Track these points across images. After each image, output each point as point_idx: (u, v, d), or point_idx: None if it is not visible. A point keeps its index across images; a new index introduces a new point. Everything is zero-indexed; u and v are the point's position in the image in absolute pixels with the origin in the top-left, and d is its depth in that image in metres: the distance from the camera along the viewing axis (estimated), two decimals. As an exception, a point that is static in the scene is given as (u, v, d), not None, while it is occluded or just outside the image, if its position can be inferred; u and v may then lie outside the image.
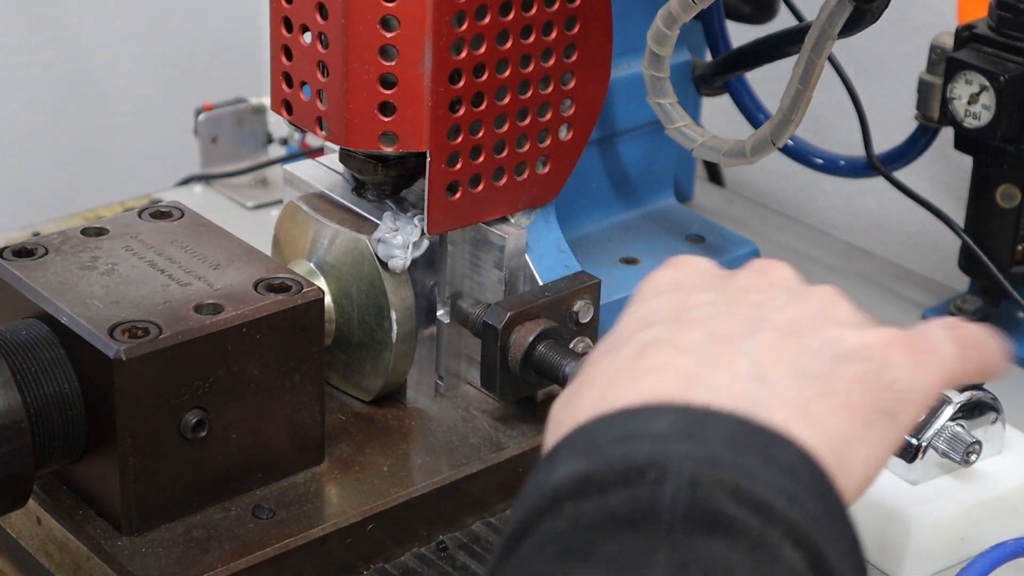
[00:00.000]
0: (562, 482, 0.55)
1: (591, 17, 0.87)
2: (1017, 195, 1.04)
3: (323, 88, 0.84)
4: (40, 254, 0.83)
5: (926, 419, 0.85)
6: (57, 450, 0.77)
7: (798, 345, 0.62)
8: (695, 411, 0.57)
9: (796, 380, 0.60)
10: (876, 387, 0.61)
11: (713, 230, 1.08)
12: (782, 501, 0.54)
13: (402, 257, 0.85)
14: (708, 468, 0.54)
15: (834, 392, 0.60)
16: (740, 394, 0.59)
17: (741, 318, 0.63)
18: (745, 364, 0.60)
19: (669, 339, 0.61)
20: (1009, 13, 1.01)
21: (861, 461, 0.61)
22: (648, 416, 0.57)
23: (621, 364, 0.61)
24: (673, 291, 0.66)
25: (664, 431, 0.56)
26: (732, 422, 0.57)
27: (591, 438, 0.57)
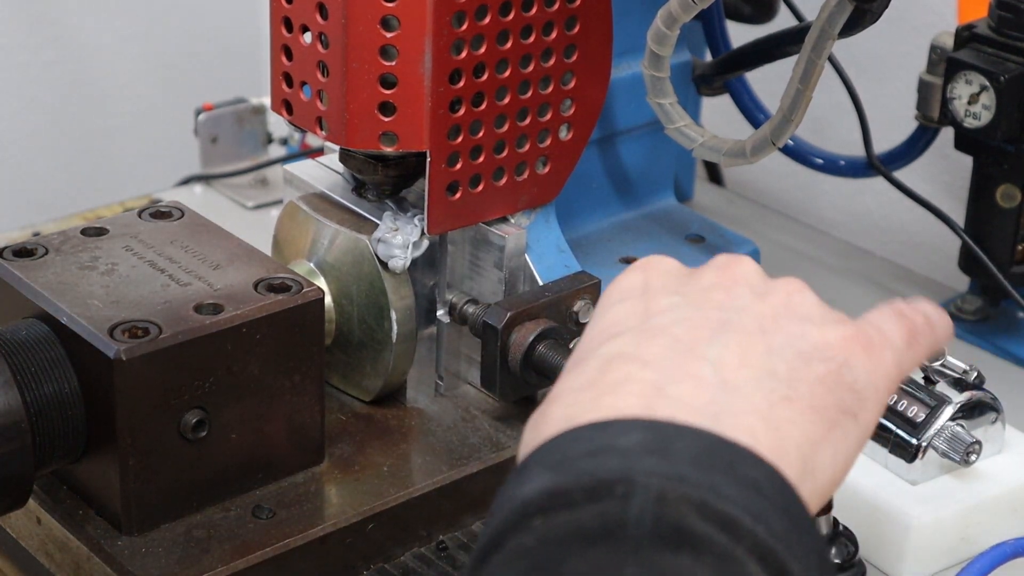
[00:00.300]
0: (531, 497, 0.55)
1: (591, 17, 0.87)
2: (1017, 195, 1.04)
3: (323, 88, 0.84)
4: (40, 254, 0.83)
5: (926, 419, 0.85)
6: (57, 450, 0.77)
7: (762, 344, 0.62)
8: (662, 426, 0.57)
9: (760, 383, 0.61)
10: (838, 388, 0.62)
11: (713, 230, 1.08)
12: (748, 518, 0.54)
13: (402, 257, 0.85)
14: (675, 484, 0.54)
15: (798, 395, 0.61)
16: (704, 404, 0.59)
17: (704, 321, 0.63)
18: (708, 371, 0.61)
19: (632, 351, 0.62)
20: (1009, 13, 1.01)
21: (828, 463, 0.61)
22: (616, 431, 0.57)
23: (587, 379, 0.61)
24: (637, 296, 0.66)
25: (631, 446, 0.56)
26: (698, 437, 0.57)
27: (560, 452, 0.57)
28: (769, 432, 0.59)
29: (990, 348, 1.08)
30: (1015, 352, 1.07)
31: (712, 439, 0.57)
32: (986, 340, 1.09)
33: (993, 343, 1.08)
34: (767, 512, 0.55)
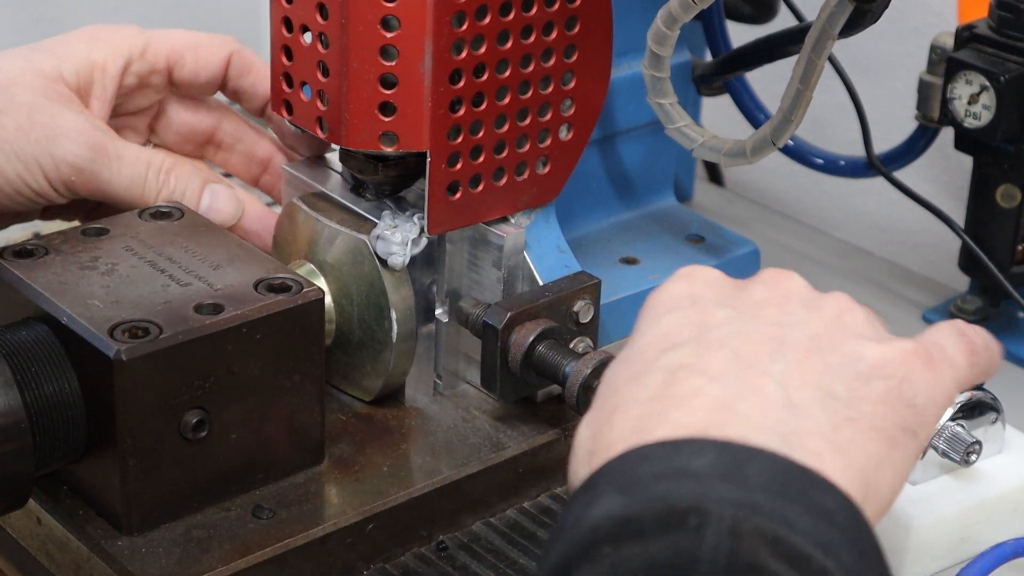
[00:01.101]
0: (600, 522, 0.55)
1: (591, 17, 0.87)
2: (1017, 195, 1.04)
3: (323, 88, 0.84)
4: (40, 254, 0.83)
5: (926, 419, 0.85)
6: (57, 450, 0.77)
7: (821, 363, 0.62)
8: (735, 448, 0.57)
9: (824, 404, 0.61)
10: (899, 406, 0.62)
11: (713, 230, 1.08)
12: (819, 552, 0.54)
13: (401, 254, 0.85)
14: (748, 514, 0.54)
15: (860, 414, 0.61)
16: (773, 424, 0.59)
17: (762, 337, 0.63)
18: (774, 389, 0.60)
19: (695, 363, 0.61)
20: (1009, 13, 1.01)
21: (888, 482, 0.61)
22: (689, 451, 0.57)
23: (652, 392, 0.61)
24: (690, 306, 0.66)
25: (704, 470, 0.56)
26: (770, 461, 0.57)
27: (631, 473, 0.57)
28: (836, 456, 0.59)
29: (990, 348, 1.08)
30: (1015, 352, 1.07)
31: (784, 464, 0.57)
32: (986, 340, 1.09)
33: (993, 343, 1.08)
34: (838, 544, 0.55)
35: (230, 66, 0.96)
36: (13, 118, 0.88)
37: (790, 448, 0.58)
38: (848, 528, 0.56)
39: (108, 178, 0.89)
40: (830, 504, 0.56)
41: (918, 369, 0.63)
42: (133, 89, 0.95)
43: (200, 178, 0.92)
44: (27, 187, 0.89)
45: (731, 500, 0.54)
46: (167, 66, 0.95)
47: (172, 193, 0.91)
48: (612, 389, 0.63)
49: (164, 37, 0.96)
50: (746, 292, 0.66)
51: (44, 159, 0.88)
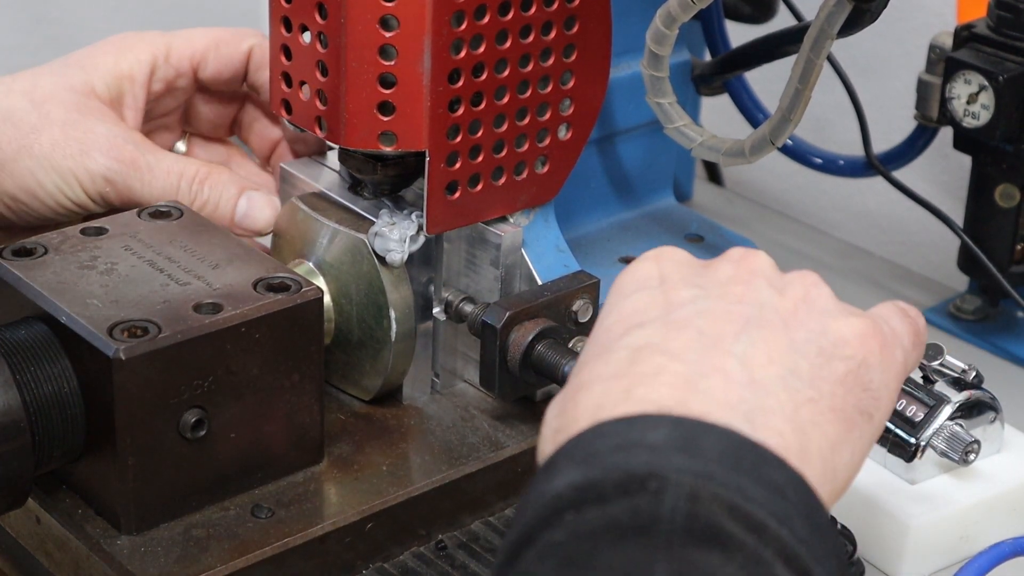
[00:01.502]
0: (562, 491, 0.55)
1: (590, 17, 0.87)
2: (1016, 195, 1.04)
3: (322, 88, 0.84)
4: (39, 254, 0.83)
5: (925, 418, 0.85)
6: (56, 450, 0.77)
7: (785, 339, 0.63)
8: (690, 423, 0.58)
9: (785, 382, 0.61)
10: (856, 388, 0.63)
11: (712, 230, 1.08)
12: (773, 521, 0.54)
13: (399, 251, 0.85)
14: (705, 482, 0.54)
15: (820, 395, 0.61)
16: (735, 402, 0.59)
17: (727, 315, 0.63)
18: (736, 367, 0.61)
19: (660, 342, 0.62)
20: (1008, 13, 1.01)
21: (846, 464, 0.62)
22: (644, 426, 0.57)
23: (615, 369, 0.61)
24: (655, 286, 0.66)
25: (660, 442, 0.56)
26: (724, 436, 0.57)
27: (589, 447, 0.57)
28: (796, 435, 0.60)
29: (989, 348, 1.08)
30: (1014, 352, 1.07)
31: (738, 439, 0.58)
32: (985, 340, 1.09)
33: (992, 343, 1.08)
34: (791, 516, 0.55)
35: (250, 60, 0.99)
36: (49, 135, 0.92)
37: (752, 426, 0.59)
38: (799, 503, 0.57)
39: (140, 189, 0.93)
40: (781, 479, 0.57)
41: (875, 352, 0.64)
42: (161, 93, 0.99)
43: (236, 186, 0.94)
44: (66, 198, 0.93)
45: (687, 469, 0.55)
46: (191, 68, 0.99)
47: (206, 203, 0.94)
48: (579, 367, 0.63)
49: (186, 39, 1.00)
50: (712, 270, 0.67)
51: (80, 172, 0.92)
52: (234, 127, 1.03)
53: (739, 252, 0.68)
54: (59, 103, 0.94)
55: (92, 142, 0.92)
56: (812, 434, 0.60)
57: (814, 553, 0.55)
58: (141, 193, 0.93)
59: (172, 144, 1.02)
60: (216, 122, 1.02)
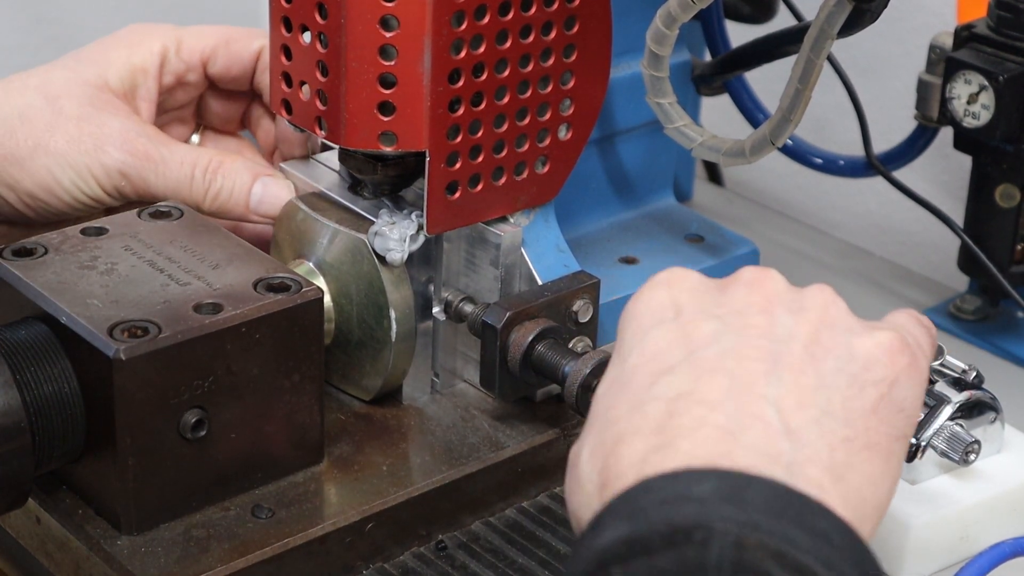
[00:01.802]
0: (608, 545, 0.55)
1: (591, 17, 0.87)
2: (1016, 195, 1.04)
3: (322, 88, 0.84)
4: (40, 254, 0.83)
5: (925, 418, 0.85)
6: (56, 450, 0.77)
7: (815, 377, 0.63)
8: (735, 475, 0.58)
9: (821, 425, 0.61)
10: (889, 415, 0.63)
11: (713, 230, 1.08)
12: (822, 567, 0.54)
13: (399, 251, 0.85)
14: (751, 531, 0.55)
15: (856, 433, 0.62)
16: (776, 454, 0.60)
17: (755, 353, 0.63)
18: (773, 416, 0.61)
19: (693, 391, 0.62)
20: (1008, 13, 1.01)
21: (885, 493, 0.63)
22: (690, 480, 0.58)
23: (655, 423, 0.61)
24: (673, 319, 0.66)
25: (706, 495, 0.56)
26: (768, 487, 0.58)
27: (636, 503, 0.57)
28: (835, 483, 0.60)
29: (990, 348, 1.08)
30: (1015, 352, 1.07)
31: (781, 489, 0.58)
32: (986, 340, 1.09)
33: (993, 343, 1.08)
34: (839, 562, 0.55)
35: (259, 60, 1.00)
36: (64, 131, 0.94)
37: (792, 477, 0.59)
38: (846, 548, 0.57)
39: (155, 181, 0.94)
40: (826, 526, 0.57)
41: (904, 369, 0.64)
42: (173, 86, 1.00)
43: (249, 173, 0.94)
44: (82, 193, 0.94)
45: (733, 519, 0.55)
46: (201, 62, 1.00)
47: (220, 191, 0.94)
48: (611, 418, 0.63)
49: (197, 34, 1.01)
50: (728, 297, 0.67)
51: (95, 167, 0.93)
52: (244, 122, 1.05)
53: (752, 273, 0.67)
54: (72, 98, 0.95)
55: (106, 137, 0.93)
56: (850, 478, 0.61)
57: None
58: (156, 185, 0.94)
59: (187, 137, 1.04)
60: (226, 117, 1.04)
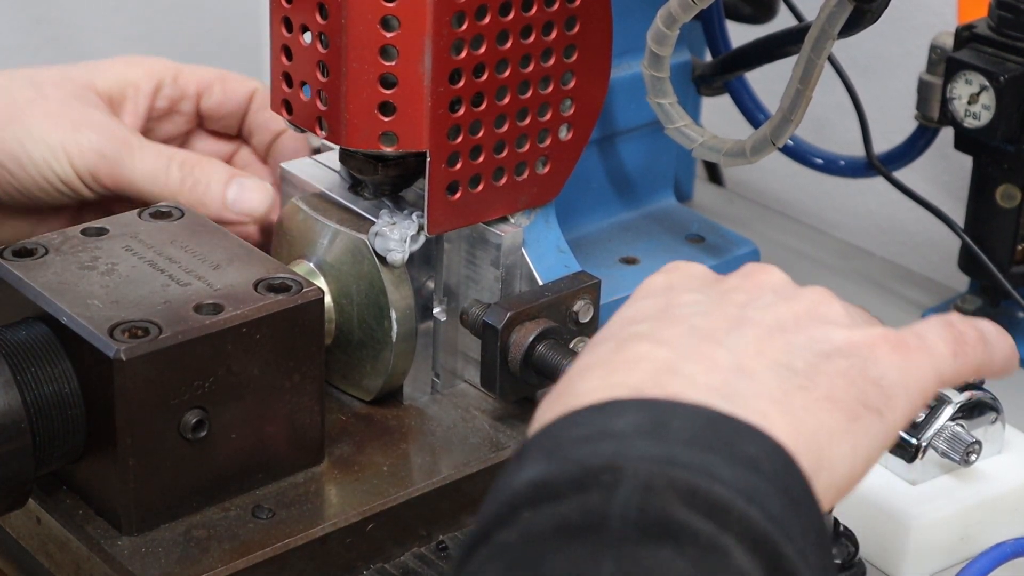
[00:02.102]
0: (520, 488, 0.54)
1: (591, 17, 0.87)
2: (1017, 195, 1.04)
3: (323, 88, 0.84)
4: (40, 254, 0.83)
5: (926, 419, 0.85)
6: (57, 450, 0.77)
7: (782, 340, 0.61)
8: (660, 404, 0.56)
9: (777, 372, 0.59)
10: (860, 381, 0.60)
11: (713, 230, 1.08)
12: (740, 501, 0.53)
13: (400, 251, 0.85)
14: (664, 468, 0.53)
15: (816, 385, 0.59)
16: (716, 384, 0.58)
17: (725, 315, 0.62)
18: (725, 356, 0.60)
19: (649, 333, 0.61)
20: (1009, 13, 1.01)
21: (847, 455, 0.59)
22: (612, 412, 0.56)
23: (599, 358, 0.60)
24: (660, 293, 0.66)
25: (626, 428, 0.55)
26: (696, 414, 0.56)
27: (555, 438, 0.56)
28: (782, 417, 0.58)
29: (990, 348, 1.08)
30: (1015, 352, 1.07)
31: (711, 415, 0.56)
32: (986, 340, 1.08)
33: (993, 343, 1.08)
34: (763, 492, 0.54)
35: (252, 101, 1.01)
36: (42, 108, 0.93)
37: (731, 405, 0.57)
38: (775, 474, 0.55)
39: (131, 166, 0.93)
40: (756, 452, 0.55)
41: (885, 351, 0.62)
42: (164, 112, 1.01)
43: (226, 172, 0.95)
44: (53, 173, 0.93)
45: (648, 456, 0.53)
46: (196, 93, 1.01)
47: (196, 185, 0.94)
48: (572, 368, 0.63)
49: (195, 68, 1.02)
50: (721, 282, 0.66)
51: (70, 144, 0.92)
52: None
53: (753, 267, 0.67)
54: (58, 88, 0.95)
55: (85, 120, 0.93)
56: (803, 417, 0.58)
57: (788, 531, 0.53)
58: (132, 171, 0.93)
59: None
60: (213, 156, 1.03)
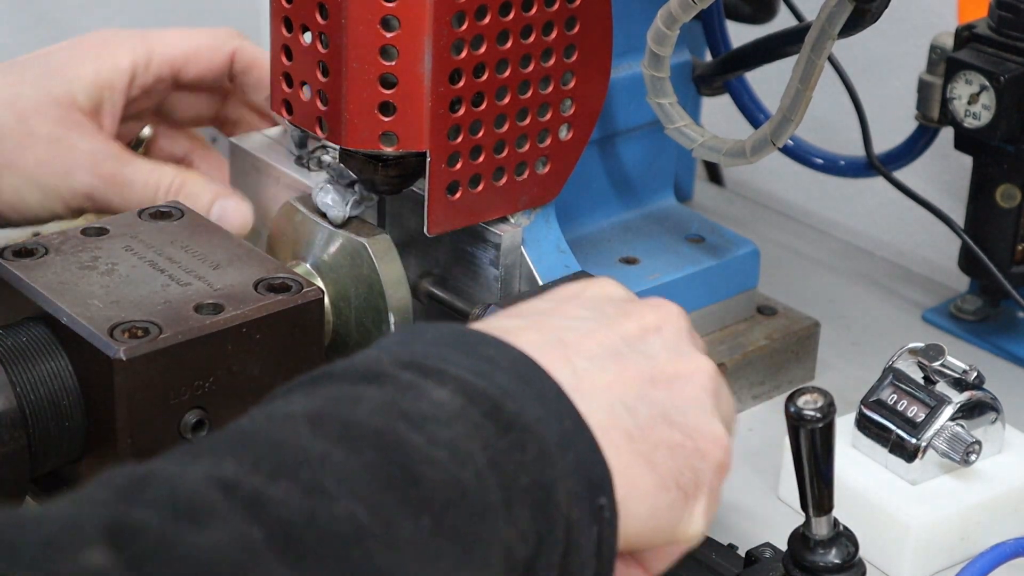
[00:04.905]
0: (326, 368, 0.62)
1: (591, 17, 0.87)
2: (1017, 195, 1.04)
3: (323, 88, 0.84)
4: (40, 254, 0.83)
5: (926, 419, 0.85)
6: (53, 451, 0.77)
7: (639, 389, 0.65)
8: (420, 326, 0.64)
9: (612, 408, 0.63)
10: (683, 462, 0.64)
11: (713, 230, 1.08)
12: (442, 364, 0.59)
13: (340, 209, 0.87)
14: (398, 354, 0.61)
15: (644, 439, 0.64)
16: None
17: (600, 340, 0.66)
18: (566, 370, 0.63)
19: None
20: (1009, 13, 1.01)
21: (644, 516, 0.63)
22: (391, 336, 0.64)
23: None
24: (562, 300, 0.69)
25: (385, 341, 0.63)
26: (447, 328, 0.63)
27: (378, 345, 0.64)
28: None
29: (990, 348, 1.08)
30: (1015, 352, 1.07)
31: (459, 330, 0.63)
32: (986, 340, 1.09)
33: (993, 343, 1.08)
34: (490, 370, 0.60)
35: (234, 63, 1.03)
36: (34, 152, 0.96)
37: (505, 335, 0.63)
38: (510, 367, 0.60)
39: (119, 203, 0.97)
40: (495, 354, 0.61)
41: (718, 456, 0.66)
42: (139, 97, 1.02)
43: (209, 193, 0.97)
44: (45, 211, 0.98)
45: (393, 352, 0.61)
46: (171, 73, 1.03)
47: None
48: None
49: (166, 44, 1.03)
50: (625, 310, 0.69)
51: (63, 189, 0.97)
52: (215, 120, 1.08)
53: (662, 305, 0.70)
54: (42, 117, 0.97)
55: (75, 161, 0.96)
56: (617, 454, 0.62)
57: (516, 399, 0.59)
58: (120, 206, 0.97)
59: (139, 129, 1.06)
60: (189, 117, 1.07)
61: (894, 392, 0.87)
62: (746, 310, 1.03)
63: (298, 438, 0.54)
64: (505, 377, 0.59)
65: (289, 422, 0.56)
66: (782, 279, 1.14)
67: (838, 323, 1.10)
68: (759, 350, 1.00)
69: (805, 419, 0.70)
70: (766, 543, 0.79)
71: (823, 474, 0.71)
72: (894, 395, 0.87)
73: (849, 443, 0.88)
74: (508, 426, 0.58)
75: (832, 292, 1.15)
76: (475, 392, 0.58)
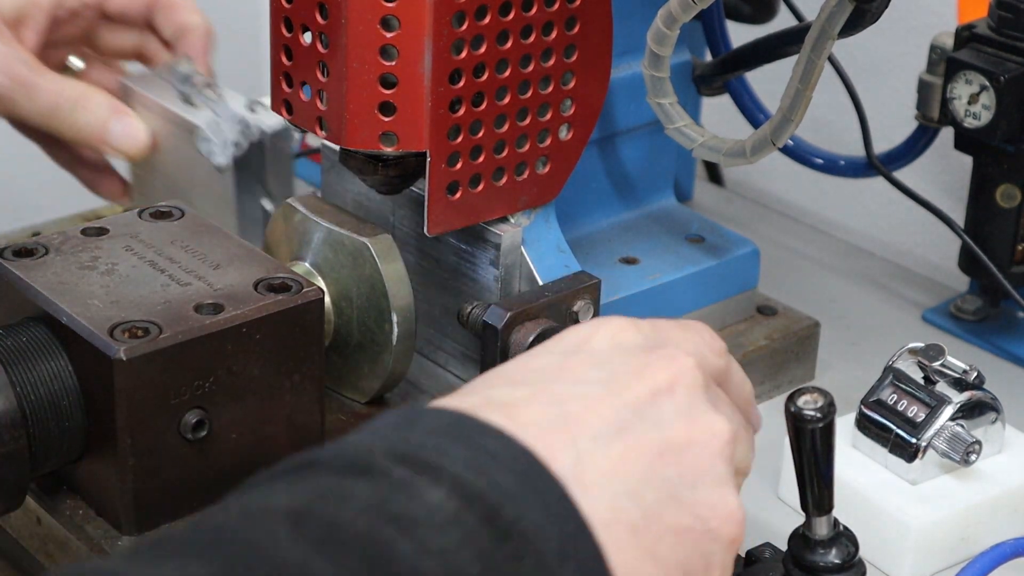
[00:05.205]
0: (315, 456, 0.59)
1: (591, 17, 0.87)
2: (1017, 195, 1.04)
3: (323, 88, 0.84)
4: (40, 254, 0.83)
5: (926, 419, 0.85)
6: (54, 451, 0.77)
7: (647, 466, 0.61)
8: (418, 409, 0.59)
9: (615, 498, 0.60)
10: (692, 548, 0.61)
11: (713, 230, 1.08)
12: (441, 459, 0.56)
13: (222, 155, 0.89)
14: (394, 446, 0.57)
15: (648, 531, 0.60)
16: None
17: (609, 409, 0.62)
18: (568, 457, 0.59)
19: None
20: (1009, 13, 1.01)
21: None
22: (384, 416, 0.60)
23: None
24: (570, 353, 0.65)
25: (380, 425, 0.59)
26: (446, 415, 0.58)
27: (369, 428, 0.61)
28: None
29: (990, 348, 1.08)
30: (1015, 352, 1.07)
31: (459, 417, 0.58)
32: (986, 340, 1.09)
33: (993, 343, 1.08)
34: (489, 467, 0.56)
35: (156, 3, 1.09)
36: None
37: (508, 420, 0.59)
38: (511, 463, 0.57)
39: (24, 104, 1.01)
40: (496, 447, 0.57)
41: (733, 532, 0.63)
42: (64, 20, 1.07)
43: (109, 108, 1.02)
44: None
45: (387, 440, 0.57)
46: (97, 1, 1.08)
47: (77, 121, 1.02)
48: None
49: None
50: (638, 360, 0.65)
51: None
52: (137, 54, 1.12)
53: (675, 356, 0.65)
54: None
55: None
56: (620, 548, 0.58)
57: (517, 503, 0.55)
58: (25, 108, 1.01)
59: (66, 56, 1.10)
60: (113, 48, 1.11)
61: (894, 392, 0.87)
62: (746, 310, 1.03)
63: (276, 541, 0.51)
64: (505, 476, 0.56)
65: (268, 519, 0.52)
66: (782, 279, 1.14)
67: (838, 323, 1.10)
68: (759, 350, 1.00)
69: (805, 419, 0.69)
70: (766, 543, 0.79)
71: (823, 474, 0.71)
72: (894, 395, 0.87)
73: (849, 443, 0.88)
74: (505, 534, 0.54)
75: (832, 292, 1.15)
76: (472, 494, 0.55)
